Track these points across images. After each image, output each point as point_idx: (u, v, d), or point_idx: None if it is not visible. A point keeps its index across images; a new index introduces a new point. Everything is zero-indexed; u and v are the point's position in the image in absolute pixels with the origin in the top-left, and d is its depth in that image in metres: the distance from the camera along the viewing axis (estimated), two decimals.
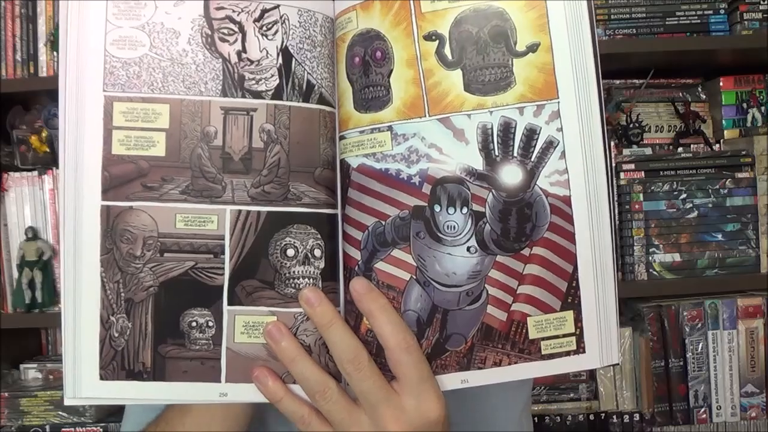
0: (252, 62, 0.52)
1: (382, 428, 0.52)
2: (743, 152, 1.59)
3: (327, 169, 0.54)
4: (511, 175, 0.52)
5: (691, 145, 1.70)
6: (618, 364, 0.56)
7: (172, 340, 0.52)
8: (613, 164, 1.59)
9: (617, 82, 1.70)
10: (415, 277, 0.53)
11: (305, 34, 0.53)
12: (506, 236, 0.52)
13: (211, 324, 0.52)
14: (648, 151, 1.68)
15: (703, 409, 1.57)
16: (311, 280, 0.53)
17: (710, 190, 1.57)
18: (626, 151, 1.64)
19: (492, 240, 0.52)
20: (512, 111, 0.52)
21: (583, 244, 0.52)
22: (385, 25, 0.53)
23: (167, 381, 0.51)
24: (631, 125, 1.66)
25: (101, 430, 1.54)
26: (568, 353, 0.53)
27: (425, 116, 0.52)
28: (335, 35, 0.55)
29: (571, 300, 0.52)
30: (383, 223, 0.53)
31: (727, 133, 1.70)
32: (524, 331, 0.52)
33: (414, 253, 0.53)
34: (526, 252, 0.52)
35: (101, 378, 0.51)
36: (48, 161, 1.60)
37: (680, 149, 1.68)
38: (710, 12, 1.61)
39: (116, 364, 0.51)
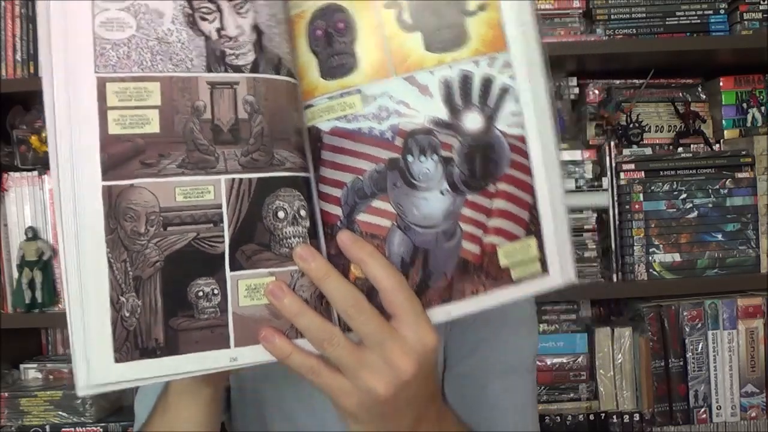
0: (230, 39, 0.55)
1: (392, 363, 0.54)
2: (743, 152, 1.60)
3: (299, 136, 0.56)
4: (473, 121, 0.57)
5: (691, 145, 1.71)
6: (575, 282, 0.60)
7: (182, 312, 0.53)
8: (614, 164, 1.59)
9: (617, 82, 1.70)
10: (395, 223, 0.57)
11: (271, 12, 0.56)
12: (473, 176, 0.57)
13: (216, 292, 0.53)
14: (648, 151, 1.68)
15: (703, 409, 1.57)
16: (301, 238, 0.55)
17: (710, 190, 1.57)
18: (626, 151, 1.65)
19: (461, 181, 0.57)
20: (469, 64, 0.57)
21: (539, 177, 0.57)
22: None
23: (180, 354, 0.52)
24: (631, 125, 1.67)
25: (101, 430, 1.55)
26: (534, 276, 0.58)
27: (391, 76, 0.57)
28: (290, 13, 0.58)
29: (533, 227, 0.58)
30: (361, 178, 0.57)
31: (727, 133, 1.70)
32: (495, 260, 0.57)
33: (393, 202, 0.57)
34: (492, 189, 0.57)
35: (116, 361, 0.51)
36: (48, 161, 1.60)
37: (680, 149, 1.68)
38: (710, 12, 1.62)
39: (130, 344, 0.52)
